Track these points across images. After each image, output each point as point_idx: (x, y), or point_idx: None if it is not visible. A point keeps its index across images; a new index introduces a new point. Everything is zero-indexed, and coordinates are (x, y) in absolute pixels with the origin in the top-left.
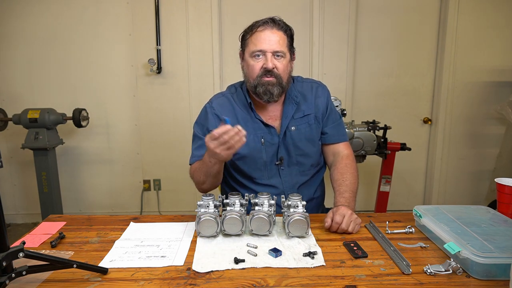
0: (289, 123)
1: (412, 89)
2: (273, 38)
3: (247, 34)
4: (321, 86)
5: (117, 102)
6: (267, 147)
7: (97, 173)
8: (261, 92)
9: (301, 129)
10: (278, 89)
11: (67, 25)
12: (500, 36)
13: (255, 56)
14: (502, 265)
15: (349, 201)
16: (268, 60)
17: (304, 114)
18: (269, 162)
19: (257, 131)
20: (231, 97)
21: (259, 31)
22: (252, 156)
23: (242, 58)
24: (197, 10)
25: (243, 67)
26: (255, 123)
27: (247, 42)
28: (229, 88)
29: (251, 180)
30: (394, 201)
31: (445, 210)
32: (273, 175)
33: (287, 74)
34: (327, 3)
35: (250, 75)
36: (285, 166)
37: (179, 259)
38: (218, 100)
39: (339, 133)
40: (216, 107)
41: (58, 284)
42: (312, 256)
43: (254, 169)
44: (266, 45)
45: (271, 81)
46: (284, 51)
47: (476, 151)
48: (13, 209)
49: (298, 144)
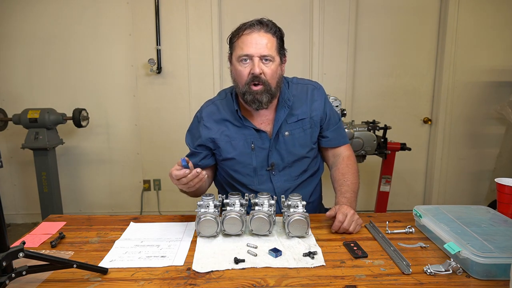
0: (282, 127)
1: (412, 89)
2: (261, 41)
3: (234, 37)
4: (317, 88)
5: (117, 102)
6: (257, 152)
7: (97, 173)
8: (249, 101)
9: (295, 134)
10: (267, 97)
11: (67, 25)
12: (500, 36)
13: (242, 60)
14: (502, 265)
15: (350, 201)
16: (255, 65)
17: (298, 119)
18: (260, 167)
19: (247, 137)
20: (220, 104)
21: (246, 34)
22: (241, 162)
23: (230, 62)
24: (197, 10)
25: (231, 72)
26: (245, 129)
27: (234, 45)
28: (220, 94)
29: (244, 186)
30: (394, 201)
31: (445, 210)
32: (264, 181)
33: (275, 79)
34: (327, 3)
35: (238, 81)
36: (277, 171)
37: (179, 259)
38: (207, 109)
39: (339, 136)
40: (205, 117)
41: (58, 284)
42: (312, 256)
43: (244, 175)
44: (253, 49)
45: (259, 90)
46: (272, 55)
47: (476, 151)
48: (13, 209)
49: (292, 149)
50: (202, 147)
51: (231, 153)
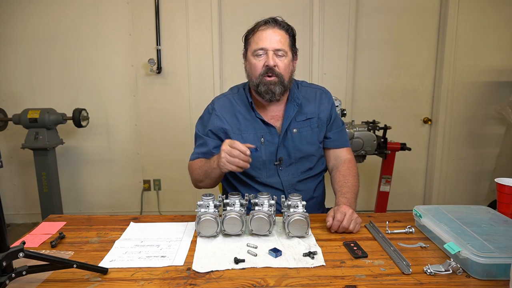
0: (291, 124)
1: (412, 89)
2: (275, 37)
3: (249, 34)
4: (325, 93)
5: (117, 102)
6: (267, 146)
7: (97, 173)
8: (263, 91)
9: (303, 132)
10: (280, 88)
11: (67, 25)
12: (500, 36)
13: (257, 54)
14: (502, 265)
15: (350, 201)
16: (270, 58)
17: (306, 118)
18: (268, 161)
19: (257, 131)
20: (232, 98)
21: (261, 30)
22: (251, 155)
23: (245, 58)
24: (197, 10)
25: (246, 67)
26: (256, 123)
27: (250, 41)
28: (232, 89)
29: (251, 179)
30: (394, 201)
31: (445, 210)
32: (272, 174)
33: (288, 73)
34: (327, 3)
35: (252, 74)
36: (284, 166)
37: (179, 259)
38: (219, 101)
39: (341, 138)
40: (217, 108)
41: (58, 284)
42: (312, 256)
43: (252, 167)
44: (267, 43)
45: (272, 80)
46: (285, 50)
47: (476, 151)
48: (13, 209)
49: (300, 147)
50: (212, 134)
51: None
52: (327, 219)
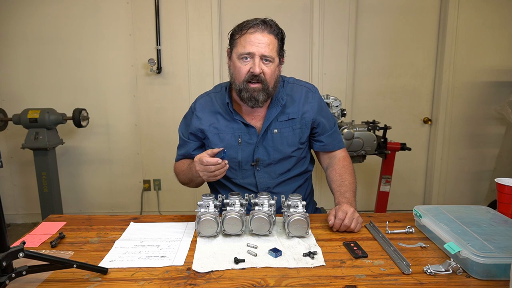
0: (272, 125)
1: (412, 89)
2: (263, 41)
3: (236, 34)
4: (312, 91)
5: (117, 102)
6: (244, 146)
7: (97, 173)
8: (246, 98)
9: (284, 132)
10: (264, 96)
11: (67, 25)
12: (500, 36)
13: (243, 58)
14: (502, 265)
15: (350, 201)
16: (256, 64)
17: (289, 118)
18: (244, 162)
19: (235, 131)
20: (214, 97)
21: (250, 33)
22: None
23: (230, 58)
24: (197, 10)
25: (230, 67)
26: (235, 123)
27: (236, 42)
28: (215, 87)
29: (228, 180)
30: (394, 201)
31: (445, 210)
32: (248, 175)
33: (274, 79)
34: (327, 3)
35: (236, 77)
36: (261, 167)
37: (179, 259)
38: (201, 100)
39: (334, 141)
40: (198, 107)
41: (58, 284)
42: (312, 256)
43: (229, 168)
44: (255, 48)
45: (256, 87)
46: (273, 56)
47: (476, 151)
48: (13, 209)
49: (279, 147)
50: (193, 136)
51: (218, 145)
52: (329, 218)
